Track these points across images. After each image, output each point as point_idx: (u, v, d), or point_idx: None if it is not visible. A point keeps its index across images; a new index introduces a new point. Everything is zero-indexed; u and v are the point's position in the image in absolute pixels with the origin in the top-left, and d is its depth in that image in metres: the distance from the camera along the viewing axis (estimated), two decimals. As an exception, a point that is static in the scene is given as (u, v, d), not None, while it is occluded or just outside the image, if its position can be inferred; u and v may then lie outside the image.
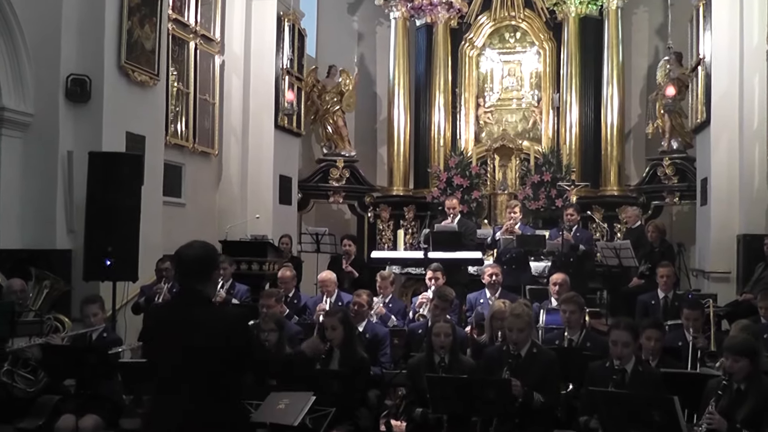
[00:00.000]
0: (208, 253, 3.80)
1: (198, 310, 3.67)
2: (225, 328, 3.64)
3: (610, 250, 9.78)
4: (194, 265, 3.72)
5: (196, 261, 3.73)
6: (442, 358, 5.73)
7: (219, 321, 3.68)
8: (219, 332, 3.61)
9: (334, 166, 14.12)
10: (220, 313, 3.89)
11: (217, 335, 3.59)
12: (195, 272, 3.71)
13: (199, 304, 3.69)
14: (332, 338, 5.94)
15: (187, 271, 3.74)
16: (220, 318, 3.73)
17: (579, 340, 6.34)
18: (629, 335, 5.18)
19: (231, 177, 11.89)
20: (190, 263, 3.73)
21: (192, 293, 3.71)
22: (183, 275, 3.78)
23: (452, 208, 10.24)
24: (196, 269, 3.71)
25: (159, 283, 8.04)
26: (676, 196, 13.00)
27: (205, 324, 3.62)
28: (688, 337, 6.27)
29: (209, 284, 3.77)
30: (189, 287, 3.72)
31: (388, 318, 8.02)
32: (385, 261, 10.80)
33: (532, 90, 14.16)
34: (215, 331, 3.60)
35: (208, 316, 3.69)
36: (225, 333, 3.62)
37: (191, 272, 3.72)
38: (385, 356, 6.83)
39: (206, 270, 3.74)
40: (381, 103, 15.22)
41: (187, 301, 3.72)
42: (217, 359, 3.58)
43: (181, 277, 3.80)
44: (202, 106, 11.13)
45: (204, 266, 3.74)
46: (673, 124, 12.91)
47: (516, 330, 5.53)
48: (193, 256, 3.74)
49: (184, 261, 3.74)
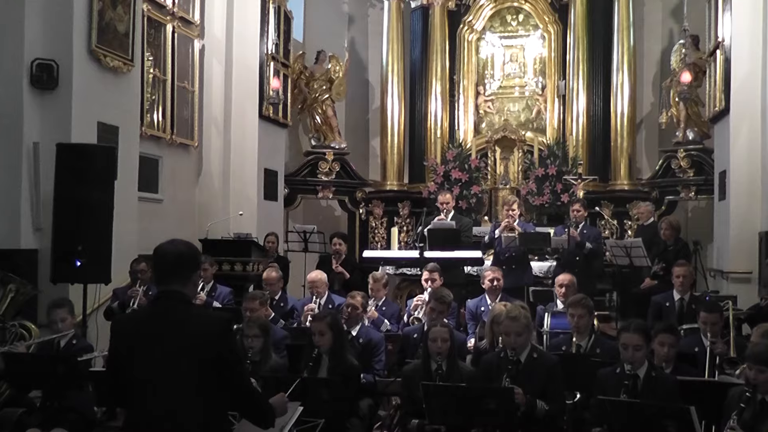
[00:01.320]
0: (190, 252, 3.77)
1: (178, 312, 3.64)
2: (208, 331, 3.60)
3: (620, 248, 9.76)
4: (174, 264, 3.68)
5: (177, 260, 3.70)
6: (439, 365, 5.69)
7: (202, 323, 3.65)
8: (202, 334, 3.57)
9: (323, 159, 14.08)
10: (202, 316, 3.84)
11: (200, 338, 3.56)
12: (175, 272, 3.68)
13: (179, 306, 3.66)
14: (320, 344, 5.96)
15: (166, 271, 3.70)
16: (203, 320, 3.69)
17: (587, 345, 6.32)
18: (641, 338, 5.16)
19: (212, 171, 11.84)
20: (169, 262, 3.70)
21: (171, 295, 3.66)
22: (161, 275, 3.73)
23: (445, 204, 10.24)
24: (176, 269, 3.68)
25: (134, 286, 8.00)
26: (691, 191, 12.97)
27: (187, 326, 3.59)
28: (705, 343, 6.23)
29: (189, 286, 3.73)
30: (168, 288, 3.68)
31: (381, 322, 8.03)
32: (378, 261, 10.81)
33: (536, 77, 14.14)
34: (198, 334, 3.57)
35: (190, 317, 3.66)
36: (209, 335, 3.59)
37: (170, 272, 3.68)
38: (380, 363, 6.83)
39: (187, 270, 3.71)
40: (373, 92, 15.21)
41: (166, 303, 3.68)
42: (201, 365, 3.54)
43: (159, 277, 3.75)
44: (181, 95, 11.07)
45: (185, 266, 3.70)
46: (689, 113, 12.88)
47: (513, 334, 5.51)
48: (174, 253, 3.71)
49: (164, 259, 3.71)
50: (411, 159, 14.42)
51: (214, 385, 3.58)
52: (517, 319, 5.55)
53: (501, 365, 5.52)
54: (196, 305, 3.77)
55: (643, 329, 5.26)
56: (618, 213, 13.24)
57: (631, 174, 13.51)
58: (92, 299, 7.88)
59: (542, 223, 12.53)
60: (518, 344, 5.51)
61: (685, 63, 12.71)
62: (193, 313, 3.74)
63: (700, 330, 6.47)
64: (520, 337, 5.52)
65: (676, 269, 8.22)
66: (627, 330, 5.23)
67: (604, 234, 12.25)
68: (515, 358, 5.48)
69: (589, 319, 6.43)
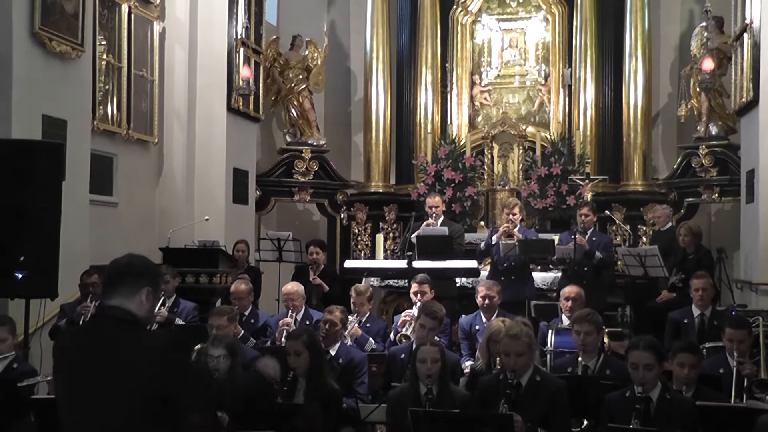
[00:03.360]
0: (143, 263, 3.73)
1: (119, 335, 3.54)
2: (153, 357, 3.47)
3: (633, 257, 9.78)
4: (120, 275, 3.64)
5: (124, 269, 3.65)
6: (429, 389, 5.67)
7: (146, 348, 3.52)
8: (145, 362, 3.45)
9: (300, 158, 14.07)
10: (147, 338, 3.67)
11: (142, 366, 3.44)
12: (119, 284, 3.62)
13: (122, 327, 3.56)
14: (296, 366, 5.95)
15: (110, 283, 3.65)
16: (147, 344, 3.56)
17: (596, 366, 6.32)
18: (651, 356, 5.19)
19: (174, 171, 11.82)
20: (115, 272, 3.65)
21: (113, 312, 3.59)
22: (105, 288, 3.69)
23: (434, 207, 10.25)
24: (121, 281, 3.62)
25: (84, 302, 7.97)
26: (715, 192, 12.97)
27: (128, 351, 3.48)
28: (731, 363, 6.23)
29: (136, 301, 3.62)
30: (111, 305, 3.61)
31: (364, 340, 8.04)
32: (362, 271, 10.80)
33: (539, 64, 14.18)
34: (140, 361, 3.45)
35: (132, 341, 3.53)
36: (153, 363, 3.46)
37: (114, 284, 3.63)
38: (362, 386, 6.83)
39: (134, 282, 3.63)
40: (356, 81, 15.22)
41: (107, 322, 3.61)
42: (144, 397, 3.43)
43: (104, 290, 3.72)
44: (138, 84, 11.04)
45: (132, 277, 3.64)
46: (712, 104, 12.90)
47: (514, 354, 5.50)
48: (122, 263, 3.68)
49: (111, 270, 3.67)
50: (398, 157, 14.43)
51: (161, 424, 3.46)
52: (518, 338, 5.54)
53: (499, 389, 5.49)
54: (141, 326, 3.66)
55: (654, 346, 5.28)
56: (631, 217, 13.23)
57: (646, 173, 13.52)
58: (36, 317, 7.78)
59: (545, 229, 12.52)
60: (519, 366, 5.50)
61: (708, 48, 12.74)
62: (135, 334, 3.60)
63: (725, 349, 6.47)
64: (521, 358, 5.51)
65: (694, 282, 8.23)
66: (636, 347, 5.25)
67: (615, 241, 12.25)
68: (515, 381, 5.46)
69: (597, 337, 6.43)
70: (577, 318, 6.53)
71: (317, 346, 6.18)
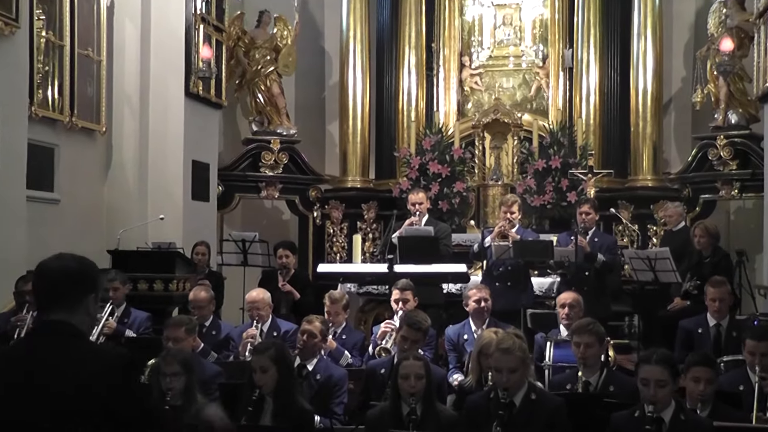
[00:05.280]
0: (82, 269, 3.65)
1: (59, 351, 3.47)
2: (96, 376, 3.41)
3: (642, 261, 9.78)
4: (58, 284, 3.57)
5: (62, 278, 3.59)
6: (413, 409, 5.69)
7: (88, 366, 3.45)
8: (88, 383, 3.40)
9: (268, 149, 14.06)
10: (90, 354, 3.60)
11: (84, 387, 3.39)
12: (58, 296, 3.56)
13: (62, 342, 3.50)
14: (262, 383, 5.92)
15: (46, 295, 3.59)
16: (90, 361, 3.49)
17: (599, 382, 6.35)
18: (665, 371, 5.18)
19: (125, 163, 11.77)
20: (51, 282, 3.58)
21: (52, 327, 3.55)
22: (41, 300, 3.62)
23: (418, 204, 10.27)
24: (59, 292, 3.56)
25: (20, 312, 7.90)
26: (734, 188, 13.00)
27: (68, 369, 3.42)
28: (752, 379, 6.25)
29: (79, 313, 3.58)
30: (48, 318, 3.56)
31: (340, 354, 8.04)
32: (337, 277, 10.78)
33: (536, 45, 14.22)
34: (82, 382, 3.39)
35: (73, 358, 3.47)
36: (96, 384, 3.40)
37: (52, 296, 3.57)
38: (340, 406, 6.85)
39: (75, 292, 3.58)
40: (331, 63, 15.24)
41: (43, 338, 3.56)
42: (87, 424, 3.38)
43: (39, 302, 3.65)
44: (83, 65, 10.98)
45: (72, 287, 3.59)
46: (731, 90, 12.93)
47: (506, 370, 5.50)
48: (57, 271, 3.61)
49: (45, 279, 3.61)
50: (378, 149, 14.48)
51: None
52: (510, 352, 5.55)
53: (490, 409, 5.49)
54: (86, 340, 3.61)
55: (668, 360, 5.28)
56: (640, 216, 13.28)
57: (657, 167, 13.58)
58: (-37, 328, 7.80)
59: (543, 229, 12.54)
60: (511, 383, 5.50)
61: (727, 26, 12.78)
62: (81, 350, 3.54)
63: (745, 363, 6.50)
64: (514, 374, 5.51)
65: (709, 290, 8.25)
66: (647, 361, 5.25)
67: (622, 242, 12.32)
68: (508, 400, 5.45)
69: (598, 349, 6.46)
70: (576, 328, 6.56)
71: (286, 361, 6.14)
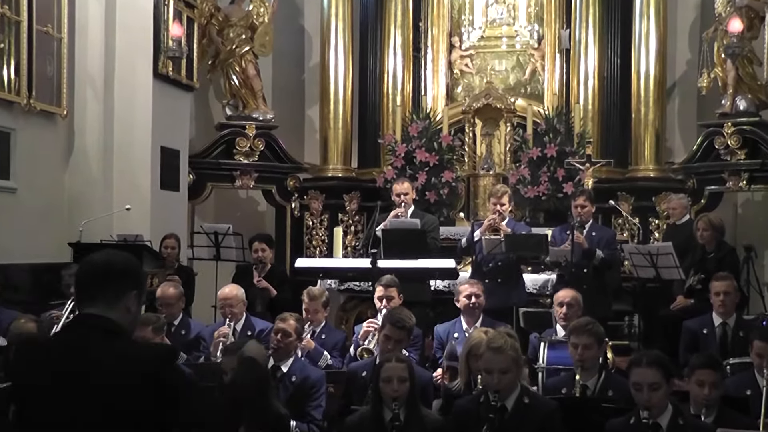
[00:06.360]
0: (126, 264, 3.73)
1: (94, 345, 3.52)
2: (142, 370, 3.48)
3: (643, 256, 9.83)
4: (98, 277, 3.64)
5: (102, 272, 3.66)
6: (396, 414, 5.70)
7: (132, 360, 3.51)
8: (132, 378, 3.45)
9: (243, 135, 14.04)
10: (132, 349, 3.67)
11: (129, 382, 3.44)
12: (98, 289, 3.62)
13: (100, 337, 3.55)
14: (235, 386, 5.89)
15: (86, 288, 3.66)
16: (133, 355, 3.56)
17: (596, 386, 6.37)
18: (657, 373, 5.21)
19: (88, 149, 11.71)
20: (92, 275, 3.66)
21: (88, 320, 3.59)
22: (80, 293, 3.70)
23: (403, 195, 10.31)
24: (99, 285, 3.62)
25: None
26: (742, 179, 13.02)
27: (104, 366, 3.47)
28: (760, 383, 6.31)
29: (119, 309, 3.63)
30: (86, 312, 3.62)
31: (319, 355, 8.04)
32: (316, 272, 10.78)
33: (531, 24, 14.26)
34: (126, 376, 3.45)
35: (114, 353, 3.52)
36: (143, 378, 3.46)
37: (92, 289, 3.63)
38: (318, 410, 6.85)
39: (117, 287, 3.64)
40: (311, 43, 15.25)
41: (81, 332, 3.60)
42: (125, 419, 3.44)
43: (78, 296, 3.72)
44: (43, 43, 10.88)
45: (114, 280, 3.65)
46: (740, 74, 12.94)
47: (497, 372, 5.51)
48: (96, 265, 3.69)
49: (87, 273, 3.69)
50: (361, 135, 14.51)
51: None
52: (502, 351, 5.56)
53: (480, 413, 5.51)
54: (125, 337, 3.64)
55: (661, 362, 5.31)
56: (641, 208, 13.32)
57: (659, 156, 13.63)
58: None
59: (537, 222, 12.59)
60: (503, 385, 5.51)
61: (735, 6, 12.80)
62: (117, 346, 3.58)
63: (753, 365, 6.55)
64: (506, 376, 5.52)
65: (714, 284, 8.31)
66: (638, 364, 5.28)
67: (622, 236, 12.34)
68: (499, 404, 5.47)
69: (597, 351, 6.48)
70: (574, 328, 6.58)
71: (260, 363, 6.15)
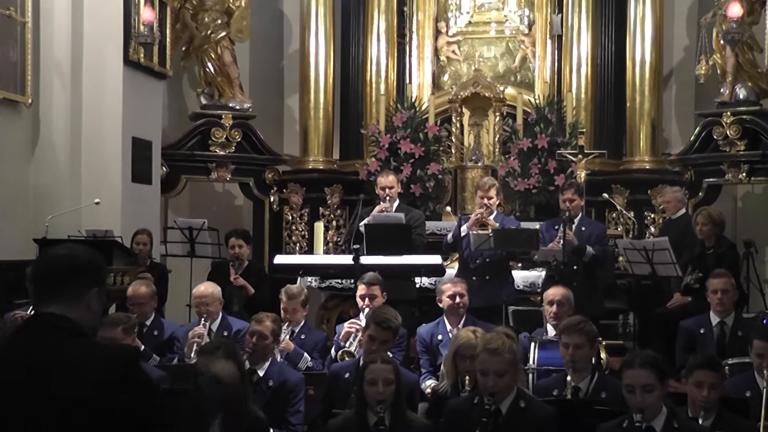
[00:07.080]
0: (84, 256, 3.69)
1: (58, 347, 3.47)
2: (105, 371, 3.42)
3: (638, 252, 9.85)
4: (58, 274, 3.60)
5: (61, 269, 3.61)
6: (381, 418, 5.70)
7: (95, 362, 3.45)
8: (96, 380, 3.40)
9: (218, 125, 14.01)
10: (94, 350, 3.60)
11: (92, 384, 3.39)
12: (58, 286, 3.58)
13: (60, 338, 3.49)
14: (210, 389, 5.88)
15: (44, 285, 3.62)
16: (96, 356, 3.50)
17: (589, 388, 6.38)
18: (651, 374, 5.20)
19: (54, 140, 11.66)
20: (50, 272, 3.62)
21: (47, 320, 3.54)
22: (38, 291, 3.65)
23: (388, 188, 10.32)
24: (59, 282, 3.59)
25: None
26: (742, 171, 13.03)
27: (71, 369, 3.41)
28: (760, 384, 6.31)
29: (79, 307, 3.59)
30: (44, 311, 3.58)
31: (298, 356, 8.04)
32: (296, 269, 10.80)
33: (521, 9, 14.21)
34: (89, 378, 3.39)
35: (75, 354, 3.47)
36: (106, 380, 3.41)
37: (51, 286, 3.59)
38: (297, 415, 6.86)
39: (75, 284, 3.60)
40: (290, 29, 15.24)
41: (37, 331, 3.55)
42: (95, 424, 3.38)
43: (37, 294, 3.66)
44: (5, 27, 10.84)
45: (75, 278, 3.60)
46: (740, 61, 12.96)
47: (493, 374, 5.51)
48: (55, 260, 3.66)
49: (44, 269, 3.66)
50: (343, 126, 14.51)
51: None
52: (499, 353, 5.56)
53: (472, 417, 5.52)
54: (88, 338, 3.59)
55: (654, 362, 5.29)
56: (636, 202, 13.35)
57: (655, 147, 13.65)
58: None
59: (528, 216, 12.60)
60: (499, 388, 5.52)
61: (735, -10, 12.84)
62: (78, 347, 3.52)
63: (752, 366, 6.57)
64: (503, 379, 5.53)
65: (712, 282, 8.34)
66: (631, 365, 5.28)
67: (616, 231, 12.37)
68: (493, 407, 5.47)
69: (589, 351, 6.48)
70: (565, 327, 6.58)
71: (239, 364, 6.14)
